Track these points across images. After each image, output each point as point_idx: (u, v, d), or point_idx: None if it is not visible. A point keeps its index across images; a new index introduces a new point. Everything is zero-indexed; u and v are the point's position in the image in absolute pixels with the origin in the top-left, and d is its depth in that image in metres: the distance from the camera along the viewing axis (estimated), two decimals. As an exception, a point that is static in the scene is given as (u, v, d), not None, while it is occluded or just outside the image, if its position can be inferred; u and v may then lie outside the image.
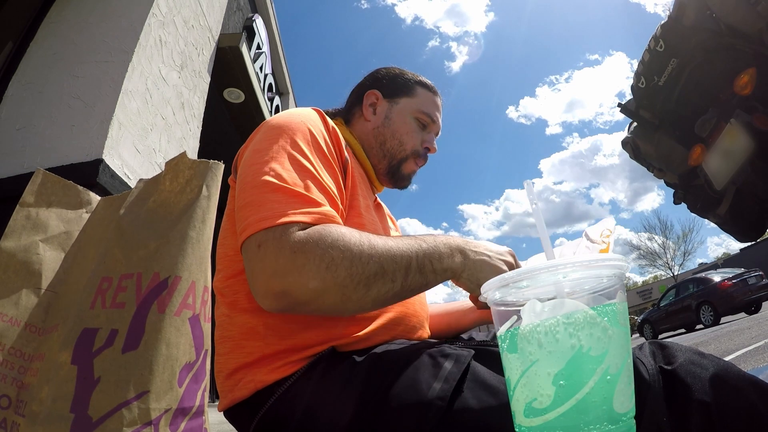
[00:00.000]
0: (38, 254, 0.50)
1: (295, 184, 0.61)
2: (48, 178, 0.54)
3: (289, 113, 0.73)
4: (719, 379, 0.49)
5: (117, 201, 0.53)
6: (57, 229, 0.52)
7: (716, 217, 1.64)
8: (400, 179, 0.91)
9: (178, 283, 0.43)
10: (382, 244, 0.60)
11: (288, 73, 5.65)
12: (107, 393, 0.38)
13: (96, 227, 0.52)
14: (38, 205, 0.52)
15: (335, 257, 0.56)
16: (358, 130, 0.91)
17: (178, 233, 0.45)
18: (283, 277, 0.55)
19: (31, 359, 0.45)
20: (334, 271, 0.55)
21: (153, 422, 0.39)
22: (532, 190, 0.78)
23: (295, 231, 0.57)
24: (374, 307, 0.61)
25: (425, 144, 0.91)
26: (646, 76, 1.59)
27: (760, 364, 2.97)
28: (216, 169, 0.50)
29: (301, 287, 0.55)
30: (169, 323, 0.42)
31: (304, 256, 0.55)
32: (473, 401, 0.52)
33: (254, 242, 0.57)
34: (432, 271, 0.63)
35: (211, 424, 0.50)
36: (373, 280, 0.58)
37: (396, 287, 0.60)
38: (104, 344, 0.40)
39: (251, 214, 0.59)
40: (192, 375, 0.44)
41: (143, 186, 0.51)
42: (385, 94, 0.92)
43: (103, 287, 0.43)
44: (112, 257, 0.45)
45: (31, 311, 0.47)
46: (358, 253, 0.57)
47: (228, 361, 0.66)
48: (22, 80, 2.29)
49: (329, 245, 0.56)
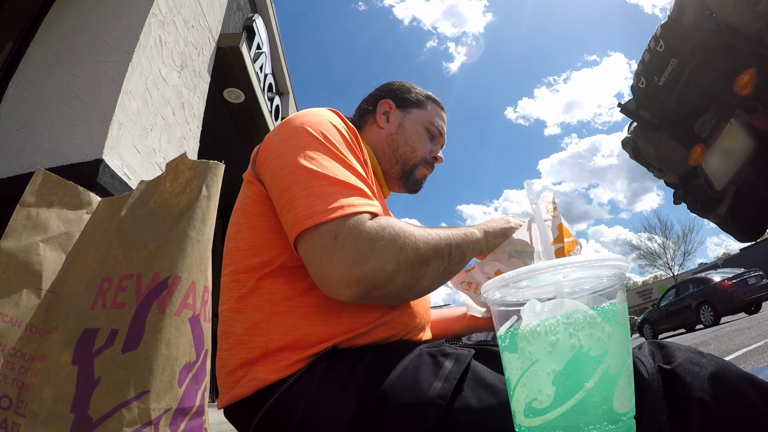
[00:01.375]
0: (39, 254, 0.49)
1: (349, 178, 0.66)
2: (48, 178, 0.54)
3: (314, 112, 0.76)
4: (718, 377, 0.50)
5: (118, 202, 0.52)
6: (57, 230, 0.52)
7: (716, 217, 1.64)
8: (414, 183, 0.97)
9: (178, 283, 0.43)
10: (427, 230, 0.69)
11: (288, 73, 5.65)
12: (107, 393, 0.38)
13: (96, 228, 0.52)
14: (39, 205, 0.52)
15: (404, 242, 0.62)
16: (370, 137, 0.96)
17: (178, 233, 0.44)
18: (365, 263, 0.59)
19: (31, 360, 0.45)
20: (405, 253, 0.62)
21: (153, 422, 0.39)
22: (533, 190, 0.78)
23: (367, 220, 0.62)
24: (431, 285, 0.69)
25: (433, 153, 0.98)
26: (646, 76, 1.59)
27: (760, 364, 2.97)
28: (216, 170, 0.50)
29: (380, 271, 0.60)
30: (169, 323, 0.42)
31: (382, 243, 0.61)
32: (474, 400, 0.53)
33: (327, 232, 0.60)
34: (466, 245, 0.73)
35: (211, 424, 0.50)
36: (430, 258, 0.65)
37: (445, 263, 0.68)
38: (104, 344, 0.40)
39: (316, 204, 0.62)
40: (192, 375, 0.44)
41: (144, 187, 0.51)
42: (398, 104, 0.97)
43: (103, 288, 0.43)
44: (112, 258, 0.44)
45: (32, 312, 0.47)
46: (417, 237, 0.65)
47: (231, 357, 0.67)
48: (22, 80, 2.29)
49: (396, 232, 0.62)
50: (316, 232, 0.60)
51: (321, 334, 0.64)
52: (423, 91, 1.01)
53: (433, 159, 0.98)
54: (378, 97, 1.00)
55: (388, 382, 0.57)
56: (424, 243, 0.65)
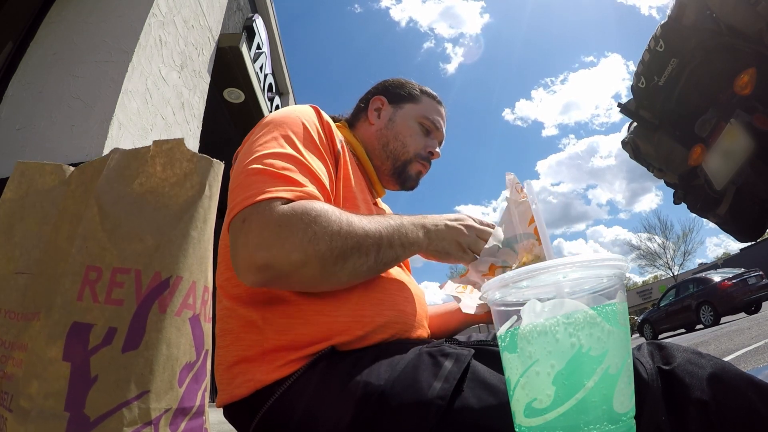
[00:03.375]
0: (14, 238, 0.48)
1: (280, 168, 0.64)
2: (26, 167, 0.53)
3: (286, 109, 0.77)
4: (717, 377, 0.50)
5: (89, 169, 0.49)
6: (32, 209, 0.50)
7: (716, 217, 1.64)
8: (407, 179, 0.93)
9: (179, 283, 0.43)
10: (358, 222, 0.64)
11: (288, 73, 5.65)
12: (106, 392, 0.38)
13: (69, 200, 0.49)
14: (19, 197, 0.51)
15: (317, 231, 0.58)
16: (361, 133, 0.94)
17: (180, 233, 0.44)
18: (267, 250, 0.57)
19: (11, 347, 0.44)
20: (315, 244, 0.58)
21: (153, 422, 0.39)
22: (533, 191, 0.78)
23: (278, 205, 0.59)
24: (351, 281, 0.65)
25: (428, 149, 0.94)
26: (646, 76, 1.59)
27: (760, 364, 2.97)
28: (218, 169, 0.49)
29: (283, 259, 0.57)
30: (170, 323, 0.42)
31: (288, 229, 0.57)
32: (473, 400, 0.53)
33: (239, 218, 0.60)
34: (401, 245, 0.68)
35: (211, 424, 0.50)
36: (350, 253, 0.61)
37: (370, 261, 0.64)
38: (101, 342, 0.39)
39: (237, 196, 0.62)
40: (192, 375, 0.44)
41: (122, 159, 0.47)
42: (390, 100, 0.95)
43: (90, 277, 0.41)
44: (96, 243, 0.42)
45: (8, 295, 0.46)
46: (338, 228, 0.60)
47: (227, 353, 0.67)
48: (22, 80, 2.29)
49: (312, 219, 0.59)
50: (232, 221, 0.61)
51: (317, 334, 0.64)
52: (419, 86, 0.98)
53: (428, 154, 0.94)
54: (371, 94, 0.98)
55: (387, 382, 0.56)
56: (344, 237, 0.61)
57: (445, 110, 0.98)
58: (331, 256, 0.59)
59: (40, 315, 0.43)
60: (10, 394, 0.41)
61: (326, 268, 0.60)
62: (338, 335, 0.65)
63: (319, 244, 0.58)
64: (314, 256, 0.58)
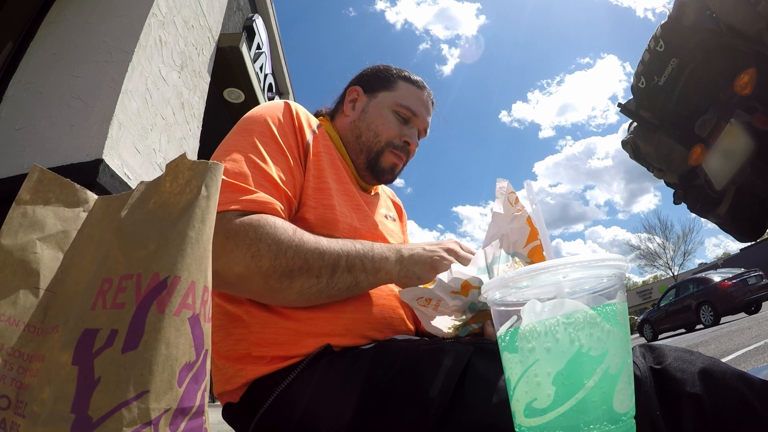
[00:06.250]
0: (36, 253, 0.49)
1: (234, 176, 0.64)
2: (45, 175, 0.54)
3: (258, 107, 0.78)
4: (708, 372, 0.51)
5: (116, 201, 0.52)
6: (54, 228, 0.52)
7: (716, 217, 1.64)
8: (381, 172, 0.87)
9: (177, 283, 0.43)
10: (313, 242, 0.63)
11: (288, 73, 5.65)
12: (107, 393, 0.38)
13: (94, 227, 0.52)
14: (35, 203, 0.52)
15: (261, 249, 0.59)
16: (338, 126, 0.91)
17: (178, 233, 0.44)
18: (214, 260, 0.57)
19: (30, 359, 0.45)
20: (258, 260, 0.59)
21: (153, 422, 0.39)
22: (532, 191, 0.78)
23: (230, 218, 0.60)
24: (301, 301, 0.64)
25: (404, 138, 0.87)
26: (646, 76, 1.59)
27: (760, 364, 2.97)
28: (215, 170, 0.49)
29: (227, 270, 0.59)
30: (169, 323, 0.42)
31: (233, 243, 0.59)
32: (473, 398, 0.52)
33: None
34: (362, 270, 0.65)
35: (211, 424, 0.50)
36: (297, 273, 0.61)
37: (321, 284, 0.62)
38: (104, 344, 0.40)
39: None
40: (192, 375, 0.44)
41: (144, 188, 0.50)
42: (365, 90, 0.91)
43: (104, 288, 0.43)
44: (113, 259, 0.44)
45: (30, 311, 0.47)
46: (285, 247, 0.60)
47: (219, 347, 0.68)
48: (22, 80, 2.29)
49: (258, 237, 0.59)
50: None
51: (299, 329, 0.65)
52: (397, 71, 0.91)
53: (403, 144, 0.87)
54: (349, 85, 0.95)
55: (387, 380, 0.56)
56: (290, 257, 0.60)
57: (428, 94, 0.91)
58: (275, 274, 0.60)
59: (59, 327, 0.45)
60: (25, 402, 0.43)
61: (270, 284, 0.60)
62: (317, 334, 0.65)
63: (261, 261, 0.59)
64: (256, 272, 0.59)
